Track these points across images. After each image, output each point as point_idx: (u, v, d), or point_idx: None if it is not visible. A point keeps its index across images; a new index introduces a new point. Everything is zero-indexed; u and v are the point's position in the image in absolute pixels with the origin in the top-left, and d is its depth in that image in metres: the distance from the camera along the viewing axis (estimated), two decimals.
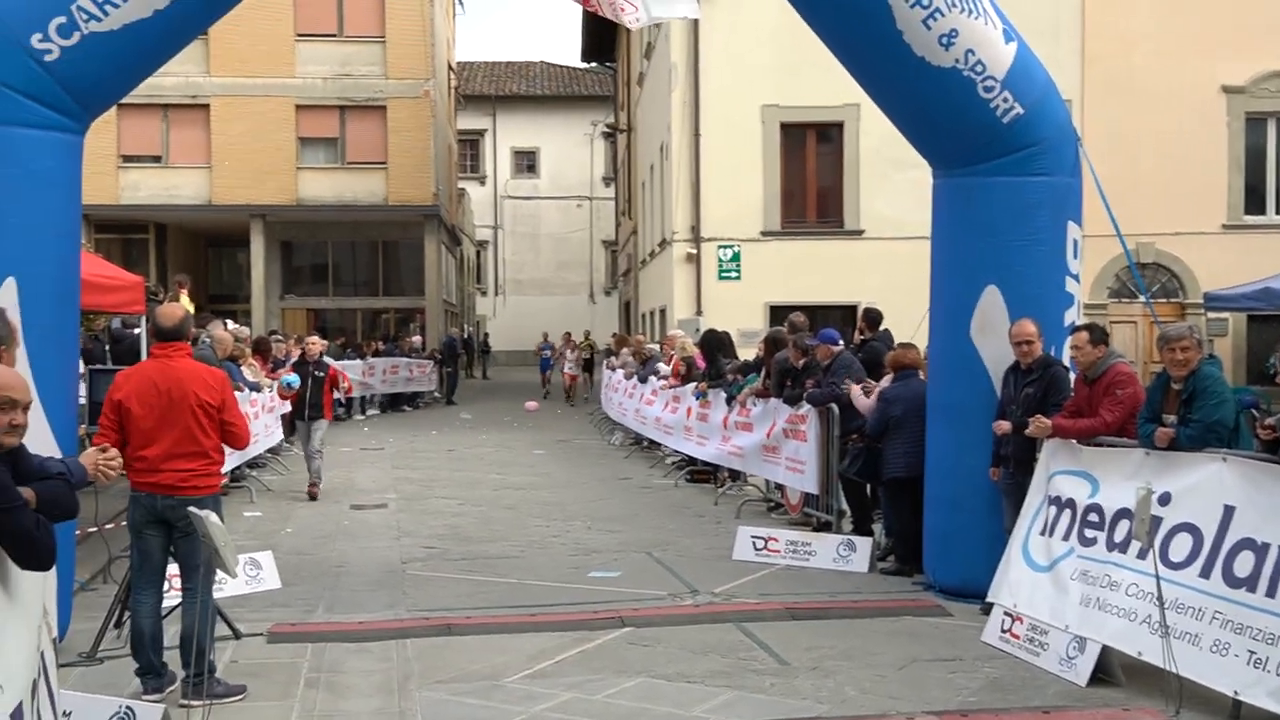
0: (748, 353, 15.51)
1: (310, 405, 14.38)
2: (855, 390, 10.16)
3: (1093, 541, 7.03)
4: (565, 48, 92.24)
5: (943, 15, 7.91)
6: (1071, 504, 7.31)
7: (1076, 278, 8.80)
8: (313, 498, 13.82)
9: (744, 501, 13.19)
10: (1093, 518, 7.10)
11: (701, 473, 15.17)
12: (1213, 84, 22.53)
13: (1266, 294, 18.73)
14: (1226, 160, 22.75)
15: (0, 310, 5.13)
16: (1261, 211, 23.16)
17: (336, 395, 14.81)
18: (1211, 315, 21.36)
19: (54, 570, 4.22)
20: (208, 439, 6.46)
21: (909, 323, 11.57)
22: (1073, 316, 8.66)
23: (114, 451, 5.02)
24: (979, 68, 8.14)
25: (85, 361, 12.81)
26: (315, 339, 15.88)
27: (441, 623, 7.96)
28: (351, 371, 24.84)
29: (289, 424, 16.51)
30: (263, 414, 14.74)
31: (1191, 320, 20.30)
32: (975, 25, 8.06)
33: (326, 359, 15.99)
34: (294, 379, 13.99)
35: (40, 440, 5.46)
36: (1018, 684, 6.65)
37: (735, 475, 14.26)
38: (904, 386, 9.52)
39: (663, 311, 25.58)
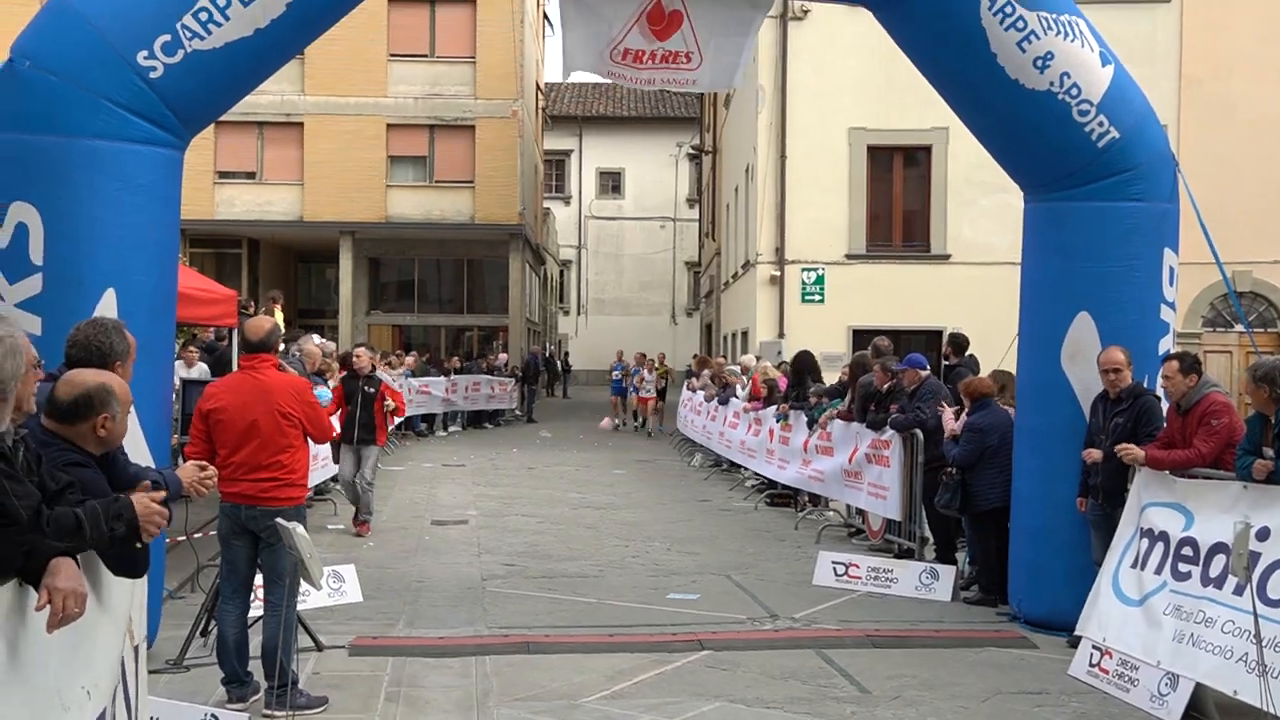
0: (830, 377, 15.52)
1: (360, 426, 12.58)
2: (949, 414, 10.03)
3: (1187, 576, 6.88)
4: None
5: (1038, 38, 7.89)
6: (1165, 537, 7.14)
7: (1172, 305, 8.68)
8: (360, 535, 12.52)
9: (825, 526, 13.14)
10: (1187, 551, 6.94)
11: (782, 496, 15.16)
12: None
13: None
14: None
15: (120, 324, 5.21)
16: None
17: (390, 408, 12.71)
18: None
19: (145, 578, 4.29)
20: (289, 450, 6.53)
21: (995, 349, 11.46)
22: (1168, 345, 8.54)
23: (212, 470, 5.09)
24: (1074, 91, 8.09)
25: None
26: (363, 350, 13.71)
27: (520, 640, 7.98)
28: (435, 388, 25.61)
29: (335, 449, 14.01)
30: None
31: None
32: (1071, 48, 8.01)
33: (382, 373, 14.68)
34: (325, 393, 12.31)
35: (135, 450, 5.55)
36: None
37: (816, 500, 14.19)
38: (992, 414, 9.42)
39: (744, 334, 25.55)
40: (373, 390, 12.64)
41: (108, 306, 6.78)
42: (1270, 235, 21.73)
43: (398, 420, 18.03)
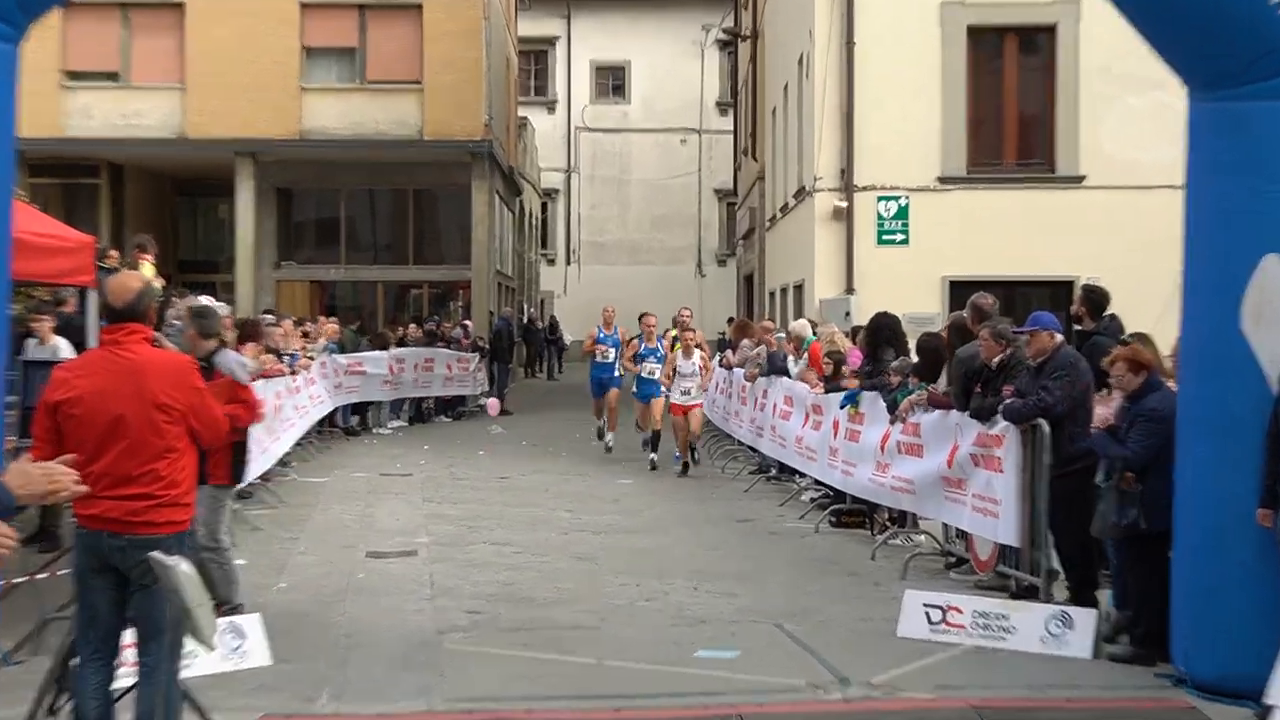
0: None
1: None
2: (1108, 404, 10.18)
3: None
4: None
5: None
6: None
7: None
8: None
9: (912, 555, 13.34)
10: None
11: (852, 514, 15.47)
12: None
13: None
14: None
15: None
16: None
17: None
18: None
19: None
20: (169, 455, 6.56)
21: (1147, 306, 11.50)
22: None
23: (72, 474, 4.98)
24: None
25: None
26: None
27: (491, 717, 8.10)
28: (370, 368, 26.22)
29: None
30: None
31: None
32: None
33: (238, 355, 11.44)
34: (244, 364, 10.95)
35: None
36: None
37: (900, 518, 14.48)
38: (1164, 397, 9.57)
39: (798, 288, 26.11)
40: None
41: None
42: None
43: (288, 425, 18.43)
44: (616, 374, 22.23)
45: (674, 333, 21.72)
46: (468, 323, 32.76)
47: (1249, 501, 8.31)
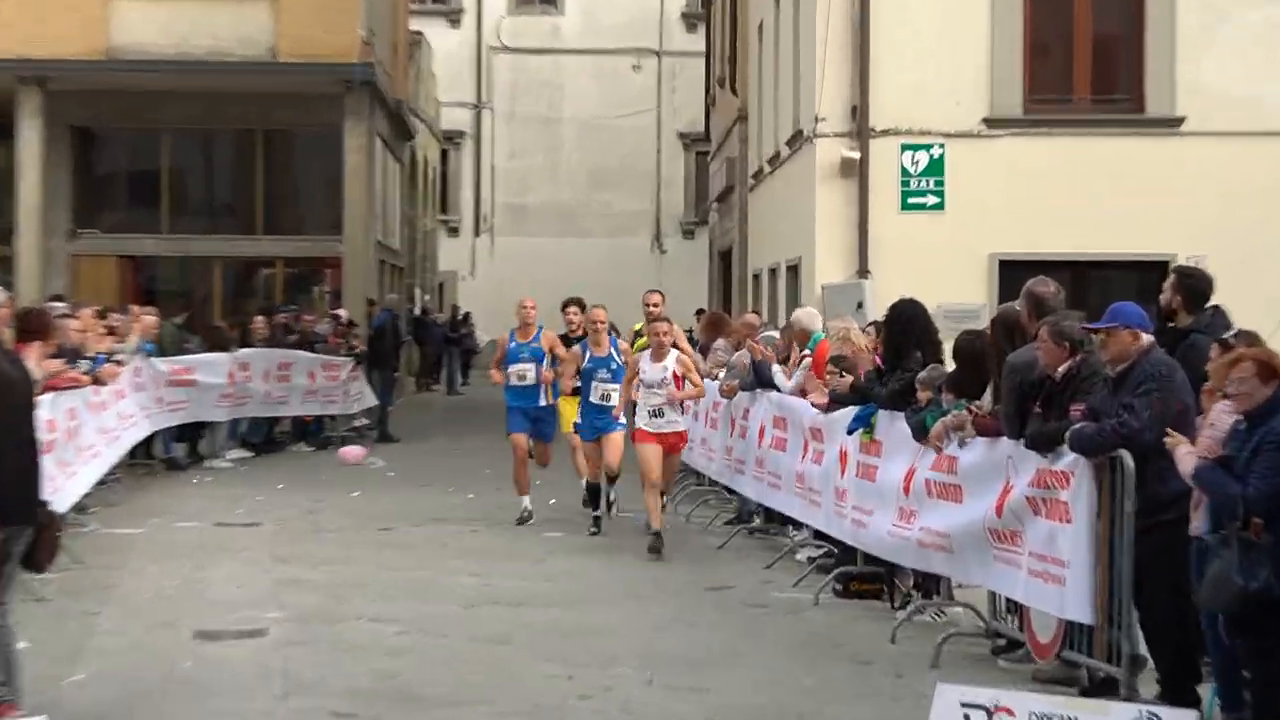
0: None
1: None
2: (1182, 450, 10.05)
3: None
4: None
5: None
6: None
7: None
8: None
9: (947, 636, 13.47)
10: None
11: (866, 579, 15.74)
12: None
13: None
14: None
15: None
16: None
17: None
18: None
19: None
20: None
21: (1263, 295, 11.55)
22: None
23: None
24: None
25: None
26: None
27: None
28: (204, 375, 26.40)
29: None
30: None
31: None
32: None
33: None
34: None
35: None
36: None
37: (930, 585, 14.80)
38: None
39: (793, 269, 26.89)
40: None
41: None
42: None
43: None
44: (538, 406, 21.10)
45: (637, 326, 22.54)
46: (339, 313, 33.09)
47: None
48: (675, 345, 19.33)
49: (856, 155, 23.91)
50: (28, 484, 10.11)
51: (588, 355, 19.42)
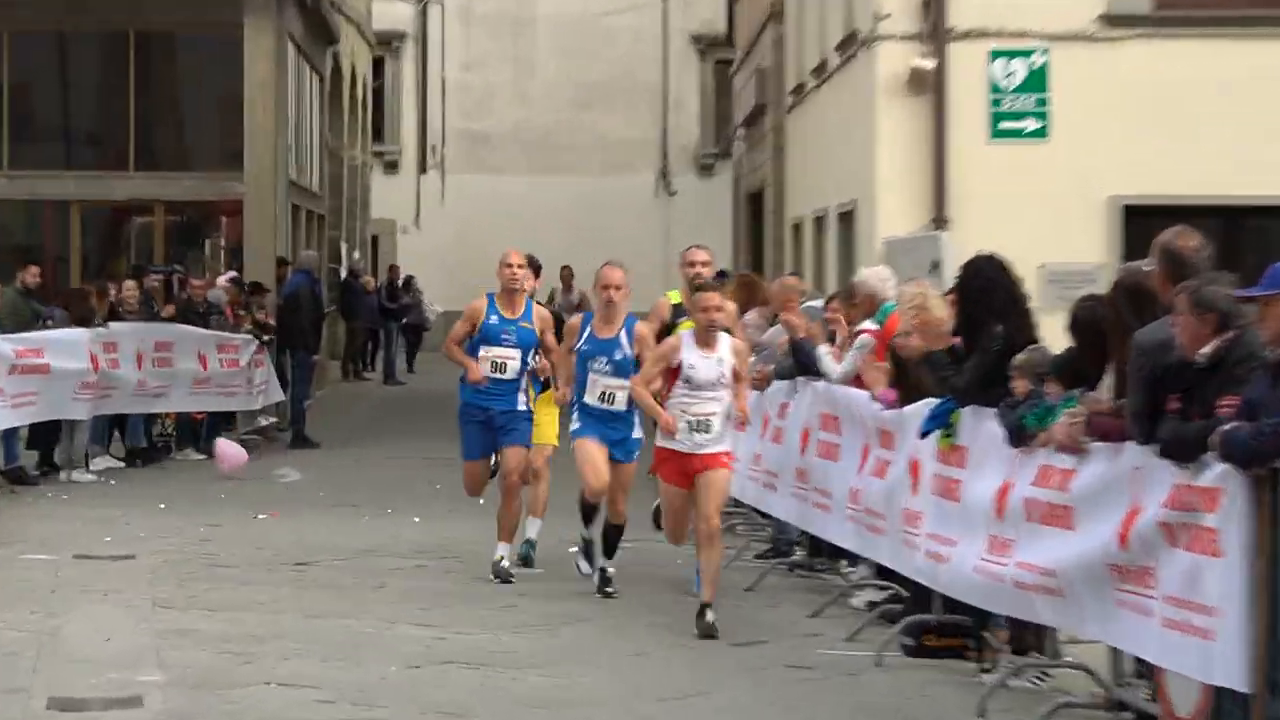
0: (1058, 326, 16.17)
1: None
2: None
3: None
4: None
5: None
6: None
7: None
8: None
9: (1055, 707, 13.66)
10: None
11: (944, 632, 15.89)
12: None
13: None
14: None
15: None
16: None
17: None
18: None
19: None
20: None
21: None
22: None
23: None
24: None
25: None
26: None
27: None
28: (57, 358, 26.76)
29: None
30: None
31: None
32: None
33: None
34: None
35: None
36: None
37: (1030, 639, 15.04)
38: None
39: (846, 217, 27.55)
40: None
41: None
42: None
43: None
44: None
45: (672, 301, 20.33)
46: (235, 274, 33.88)
47: None
48: (728, 331, 17.95)
49: (931, 65, 24.61)
50: None
51: (586, 333, 18.17)
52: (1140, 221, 21.17)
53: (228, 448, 29.16)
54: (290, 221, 39.14)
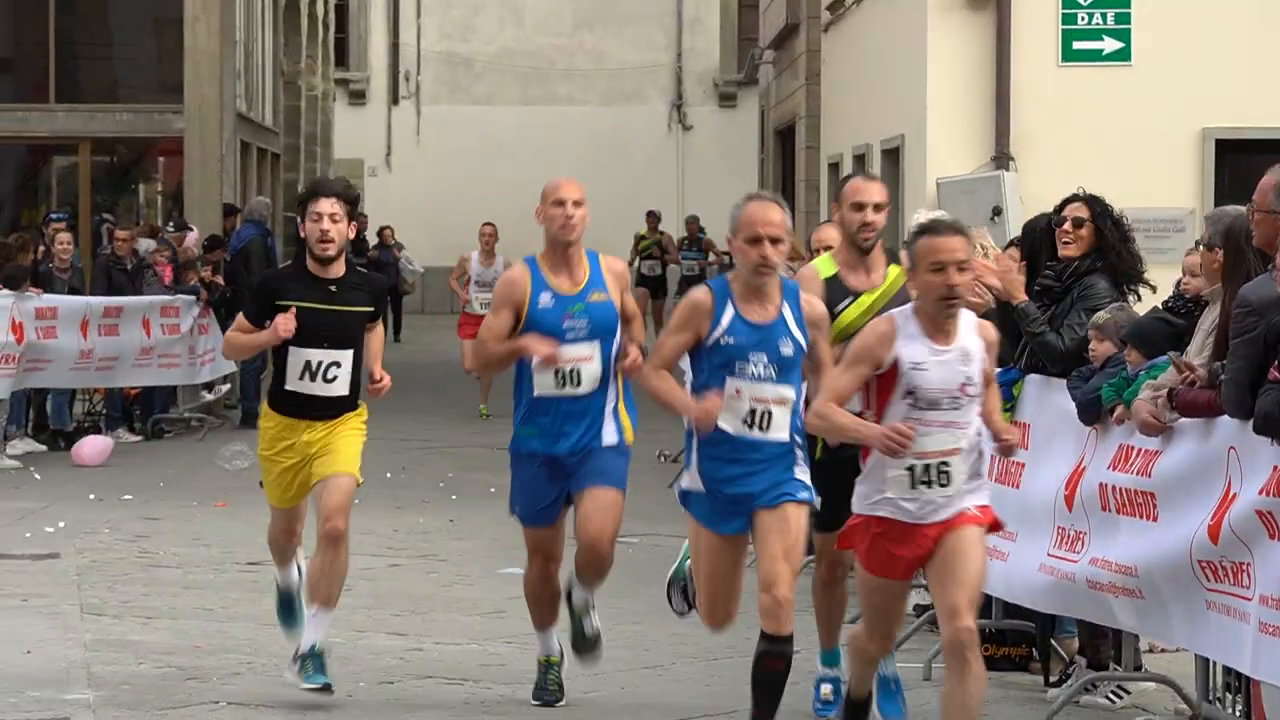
0: (1163, 278, 16.83)
1: None
2: None
3: None
4: None
5: None
6: None
7: None
8: None
9: None
10: None
11: (1006, 639, 16.67)
12: None
13: None
14: None
15: None
16: None
17: None
18: None
19: None
20: None
21: None
22: None
23: None
24: None
25: None
26: None
27: None
28: None
29: None
30: None
31: None
32: None
33: None
34: None
35: None
36: None
37: (1105, 648, 15.55)
38: None
39: (891, 154, 28.11)
40: None
41: None
42: None
43: None
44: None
45: (823, 274, 15.34)
46: (190, 233, 34.67)
47: None
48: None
49: None
50: None
51: (728, 316, 12.77)
52: (1237, 158, 21.44)
53: (89, 445, 30.06)
54: (239, 162, 39.98)
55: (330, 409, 14.52)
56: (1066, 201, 16.94)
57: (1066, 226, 17.07)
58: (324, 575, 14.18)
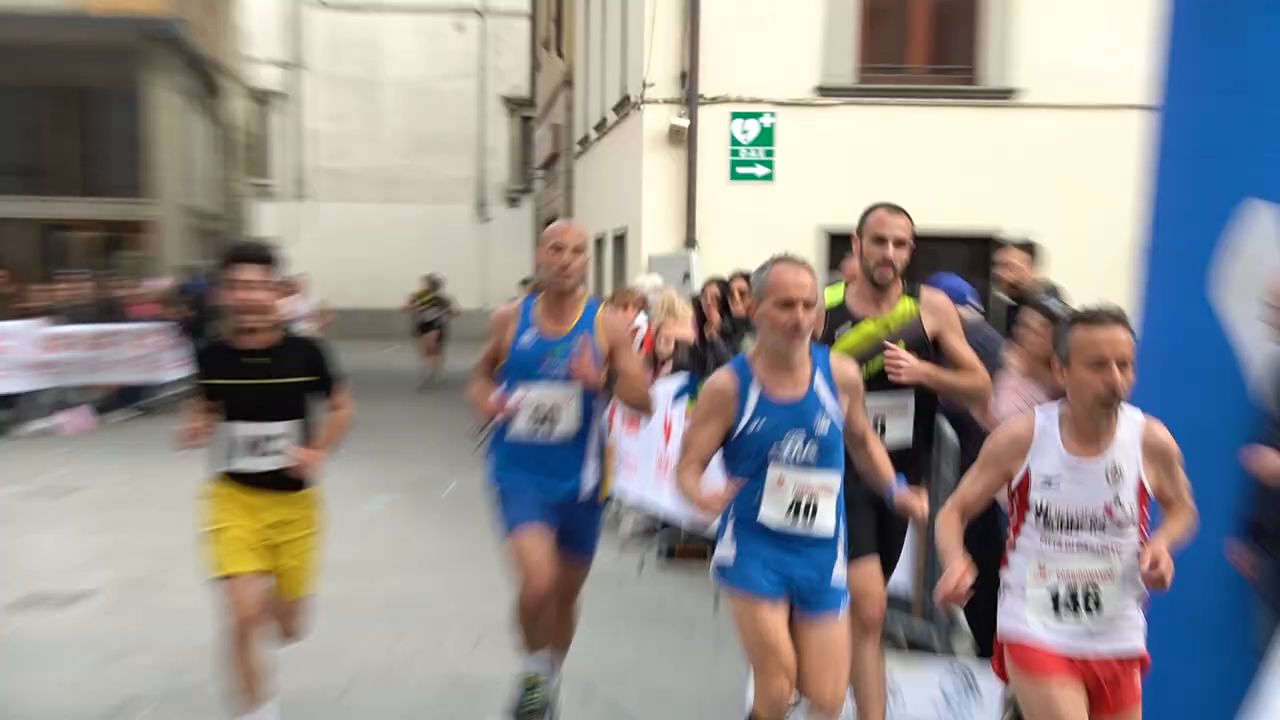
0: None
1: None
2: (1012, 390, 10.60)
3: None
4: None
5: None
6: None
7: None
8: None
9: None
10: None
11: (691, 546, 16.32)
12: None
13: None
14: None
15: None
16: None
17: None
18: None
19: None
20: None
21: (1090, 267, 12.16)
22: None
23: None
24: None
25: None
26: None
27: None
28: (12, 341, 26.99)
29: None
30: None
31: None
32: None
33: None
34: None
35: None
36: None
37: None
38: None
39: (620, 239, 27.55)
40: None
41: None
42: None
43: None
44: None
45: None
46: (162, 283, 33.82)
47: (1216, 545, 8.67)
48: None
49: (685, 123, 24.61)
50: None
51: (754, 398, 8.69)
52: (843, 244, 21.51)
53: (73, 418, 28.68)
54: (184, 240, 39.40)
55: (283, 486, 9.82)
56: (735, 275, 16.50)
57: (735, 291, 16.62)
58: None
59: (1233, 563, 8.87)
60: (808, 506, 8.12)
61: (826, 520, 8.21)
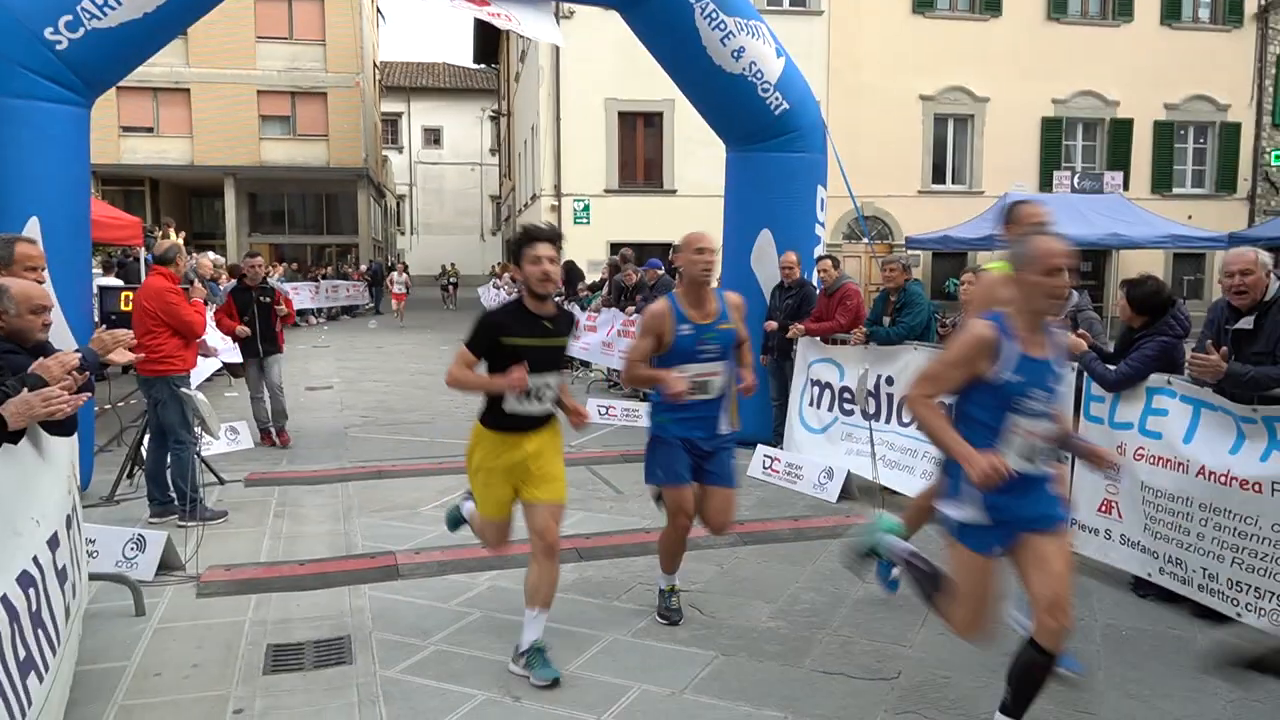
0: (597, 276, 24.55)
1: (263, 340, 14.65)
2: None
3: (851, 412, 12.15)
4: (462, 50, 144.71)
5: (734, 36, 13.90)
6: (829, 385, 12.67)
7: (822, 224, 14.51)
8: (285, 445, 14.52)
9: (591, 382, 19.91)
10: (846, 395, 12.30)
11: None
12: (913, 92, 38.42)
13: (945, 240, 33.79)
14: (920, 146, 38.37)
15: (9, 239, 8.33)
16: (942, 182, 39.06)
17: (282, 314, 14.73)
18: (910, 251, 36.21)
19: (76, 435, 7.20)
20: (150, 335, 11.00)
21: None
22: (819, 251, 14.30)
23: (123, 332, 7.84)
24: (759, 74, 13.87)
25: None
26: (258, 259, 15.16)
27: (374, 470, 12.35)
28: (302, 298, 38.01)
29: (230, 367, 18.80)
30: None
31: (897, 254, 29.53)
32: (757, 44, 14.10)
33: (273, 281, 17.23)
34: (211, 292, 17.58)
35: (61, 339, 9.89)
36: (779, 502, 11.37)
37: (585, 364, 21.67)
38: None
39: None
40: (268, 300, 15.01)
41: (32, 229, 10.98)
42: (885, 178, 37.27)
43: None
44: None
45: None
46: (361, 267, 48.03)
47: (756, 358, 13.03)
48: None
49: (557, 204, 33.65)
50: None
51: (1009, 351, 6.47)
52: (616, 248, 27.12)
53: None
54: (372, 250, 49.73)
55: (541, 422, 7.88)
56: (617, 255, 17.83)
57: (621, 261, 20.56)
58: (541, 583, 7.69)
59: (760, 362, 13.84)
60: (1040, 452, 6.45)
61: (1049, 463, 6.60)
